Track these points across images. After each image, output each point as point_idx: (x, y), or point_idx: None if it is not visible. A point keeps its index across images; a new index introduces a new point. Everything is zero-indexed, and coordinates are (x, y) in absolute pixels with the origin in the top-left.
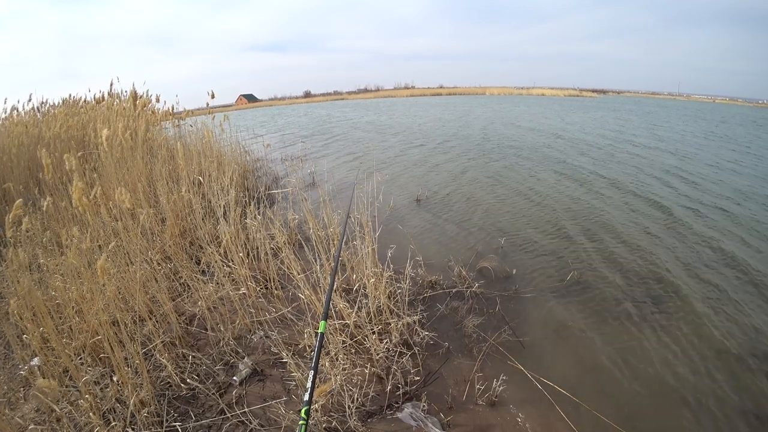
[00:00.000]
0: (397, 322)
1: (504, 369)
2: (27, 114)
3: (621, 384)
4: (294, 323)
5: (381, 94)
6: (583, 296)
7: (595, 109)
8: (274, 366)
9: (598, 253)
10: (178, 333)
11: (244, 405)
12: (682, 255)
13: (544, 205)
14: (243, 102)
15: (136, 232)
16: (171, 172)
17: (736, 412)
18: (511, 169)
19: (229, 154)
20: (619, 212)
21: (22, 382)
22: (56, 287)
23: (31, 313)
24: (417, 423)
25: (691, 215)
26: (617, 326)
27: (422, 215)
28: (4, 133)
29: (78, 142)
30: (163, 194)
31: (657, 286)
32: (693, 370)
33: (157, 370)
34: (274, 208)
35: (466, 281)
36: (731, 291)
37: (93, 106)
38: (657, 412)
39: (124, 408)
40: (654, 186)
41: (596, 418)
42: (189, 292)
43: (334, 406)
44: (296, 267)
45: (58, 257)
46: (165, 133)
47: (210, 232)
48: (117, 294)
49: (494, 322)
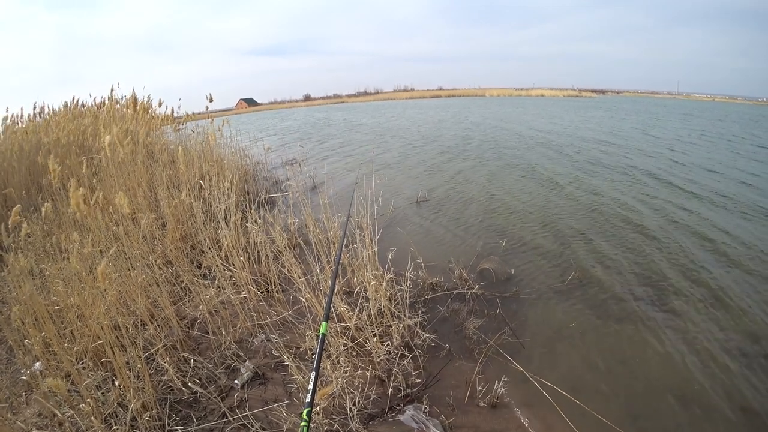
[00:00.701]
0: (398, 324)
1: (505, 371)
2: (28, 120)
3: (622, 385)
4: (295, 326)
5: (380, 96)
6: (584, 297)
7: (594, 108)
8: (275, 369)
9: (599, 254)
10: (179, 337)
11: (246, 408)
12: (682, 255)
13: (544, 206)
14: (243, 106)
15: (137, 236)
16: (171, 177)
17: (739, 412)
18: (510, 170)
19: (230, 158)
20: (619, 213)
21: (24, 387)
22: (58, 292)
23: (32, 318)
24: (419, 425)
25: (690, 215)
26: (618, 327)
27: (422, 217)
28: (5, 139)
29: (79, 147)
30: (163, 198)
31: (658, 286)
32: (695, 371)
33: (158, 374)
34: (275, 212)
35: (467, 283)
36: (733, 290)
37: (94, 111)
38: (658, 413)
39: (125, 412)
40: (655, 187)
41: (597, 419)
42: (190, 296)
43: (336, 408)
44: (297, 270)
45: (59, 262)
46: (165, 138)
47: (211, 236)
48: (118, 298)
49: (495, 323)
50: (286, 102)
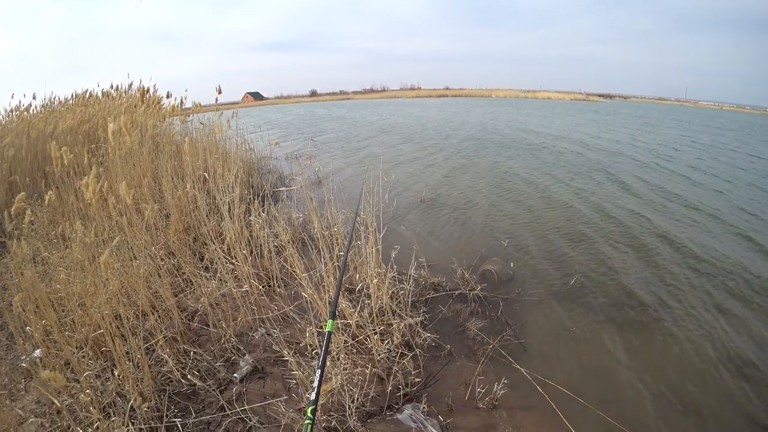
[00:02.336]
0: (399, 323)
1: (505, 372)
2: (36, 109)
3: (623, 388)
4: (296, 321)
5: (387, 94)
6: (586, 300)
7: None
8: (274, 364)
9: (601, 257)
10: (179, 329)
11: (245, 402)
12: (686, 259)
13: (548, 208)
14: (249, 100)
15: (140, 227)
16: (176, 168)
17: (739, 414)
18: (516, 171)
19: (235, 151)
20: (623, 216)
21: (23, 374)
22: (59, 280)
23: (34, 305)
24: (417, 425)
25: (697, 221)
26: (620, 331)
27: (426, 215)
28: (13, 128)
29: (86, 135)
30: (168, 190)
31: (661, 292)
32: (696, 375)
33: (158, 365)
34: (279, 206)
35: (469, 284)
36: (735, 295)
37: (102, 101)
38: (660, 416)
39: (124, 402)
40: (662, 192)
41: (598, 422)
42: (192, 288)
43: (334, 405)
44: (299, 265)
45: (62, 250)
46: (172, 129)
47: (214, 228)
48: (120, 288)
49: (496, 324)
50: (292, 97)
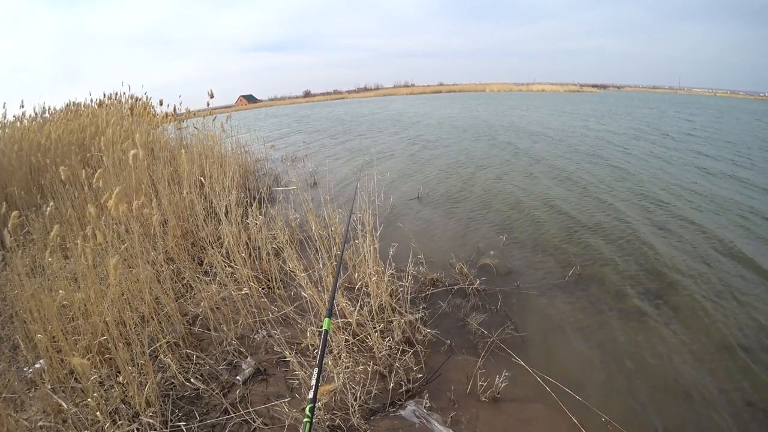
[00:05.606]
0: (400, 319)
1: (506, 365)
2: (28, 119)
3: (623, 380)
4: (296, 322)
5: (381, 92)
6: (585, 292)
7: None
8: (277, 365)
9: (599, 249)
10: (181, 333)
11: (248, 404)
12: (684, 249)
13: (544, 201)
14: (243, 103)
15: (140, 233)
16: (173, 174)
17: (740, 406)
18: (511, 164)
19: (230, 155)
20: (621, 207)
21: (27, 384)
22: (63, 287)
23: (36, 315)
24: (420, 420)
25: (693, 211)
26: (619, 322)
27: (423, 212)
28: (6, 139)
29: (79, 146)
30: (165, 196)
31: (660, 282)
32: (697, 366)
33: (161, 371)
34: (276, 208)
35: (468, 278)
36: (734, 285)
37: (94, 110)
38: (660, 408)
39: (128, 408)
40: (655, 182)
41: (598, 414)
42: (192, 293)
43: (337, 404)
44: (298, 266)
45: (62, 260)
46: (166, 135)
47: (212, 232)
48: (121, 295)
49: (496, 318)
50: (286, 98)
